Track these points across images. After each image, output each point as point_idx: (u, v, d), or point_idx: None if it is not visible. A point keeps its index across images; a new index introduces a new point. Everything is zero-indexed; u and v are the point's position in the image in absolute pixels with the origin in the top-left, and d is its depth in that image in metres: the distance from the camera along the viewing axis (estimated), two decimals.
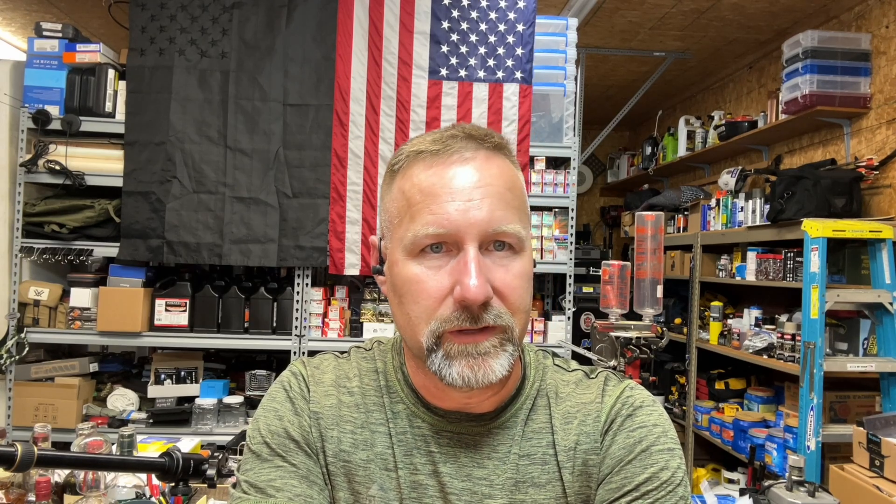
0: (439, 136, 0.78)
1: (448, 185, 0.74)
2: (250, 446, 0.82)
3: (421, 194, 0.75)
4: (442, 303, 0.74)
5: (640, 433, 0.80)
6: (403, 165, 0.79)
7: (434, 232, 0.73)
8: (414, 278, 0.75)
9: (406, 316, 0.77)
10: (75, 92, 3.15)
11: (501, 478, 0.80)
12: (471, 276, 0.72)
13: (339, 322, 3.24)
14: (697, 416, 4.08)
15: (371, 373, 0.87)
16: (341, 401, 0.84)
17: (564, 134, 3.38)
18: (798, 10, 3.75)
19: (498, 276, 0.75)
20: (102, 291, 3.11)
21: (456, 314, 0.74)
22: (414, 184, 0.76)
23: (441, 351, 0.74)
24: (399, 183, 0.79)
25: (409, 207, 0.76)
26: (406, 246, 0.76)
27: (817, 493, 2.07)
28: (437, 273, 0.75)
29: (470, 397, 0.80)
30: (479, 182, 0.75)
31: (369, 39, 3.19)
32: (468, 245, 0.73)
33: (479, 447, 0.81)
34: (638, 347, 2.39)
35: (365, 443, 0.82)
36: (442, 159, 0.76)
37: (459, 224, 0.73)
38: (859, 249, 3.08)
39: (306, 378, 0.86)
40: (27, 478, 1.63)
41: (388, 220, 0.80)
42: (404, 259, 0.76)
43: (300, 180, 3.18)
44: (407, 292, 0.76)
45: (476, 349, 0.74)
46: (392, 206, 0.79)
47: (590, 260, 4.60)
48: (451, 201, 0.74)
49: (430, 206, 0.74)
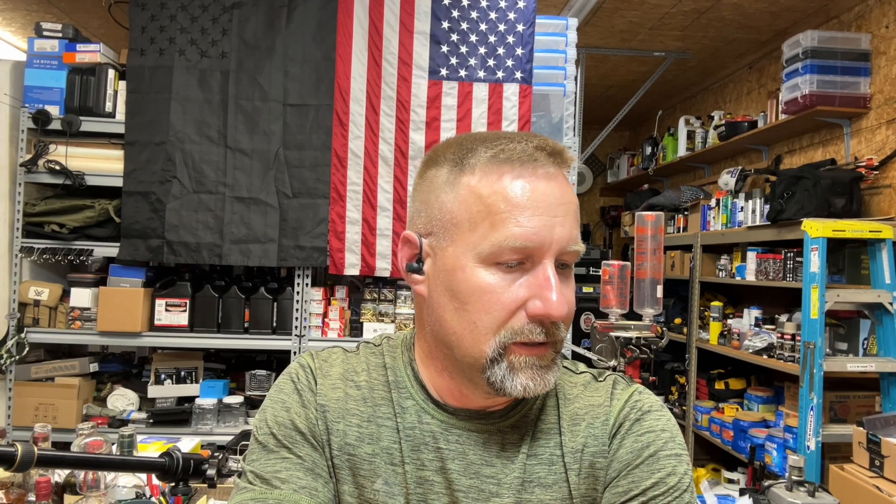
0: (525, 147, 0.76)
1: (536, 199, 0.74)
2: (257, 437, 0.82)
3: (507, 203, 0.74)
4: (514, 315, 0.75)
5: (648, 438, 0.80)
6: (480, 167, 0.76)
7: (521, 245, 0.73)
8: (487, 287, 0.75)
9: (471, 323, 0.76)
10: (75, 92, 3.15)
11: (509, 477, 0.80)
12: (553, 292, 0.73)
13: (339, 322, 3.25)
14: (697, 416, 4.08)
15: (379, 368, 0.87)
16: (348, 394, 0.85)
17: (564, 134, 3.38)
18: (798, 10, 3.75)
19: (565, 292, 0.76)
20: (102, 291, 3.12)
21: (530, 327, 0.74)
22: (496, 190, 0.75)
23: (505, 362, 0.75)
24: (472, 184, 0.76)
25: (489, 214, 0.74)
26: (482, 253, 0.74)
27: (817, 493, 2.07)
28: (512, 285, 0.75)
29: (493, 401, 0.81)
30: (562, 199, 0.76)
31: (369, 39, 3.19)
32: (547, 260, 0.74)
33: (488, 445, 0.81)
34: (638, 347, 2.39)
35: (371, 437, 0.82)
36: (530, 171, 0.75)
37: (545, 239, 0.74)
38: (859, 249, 3.08)
39: (314, 370, 0.86)
40: (27, 478, 1.63)
41: (448, 220, 0.78)
42: (475, 266, 0.75)
43: (300, 180, 3.18)
44: (477, 300, 0.75)
45: (540, 361, 0.75)
46: (459, 208, 0.77)
47: (590, 260, 4.60)
48: (539, 215, 0.74)
49: (518, 218, 0.73)
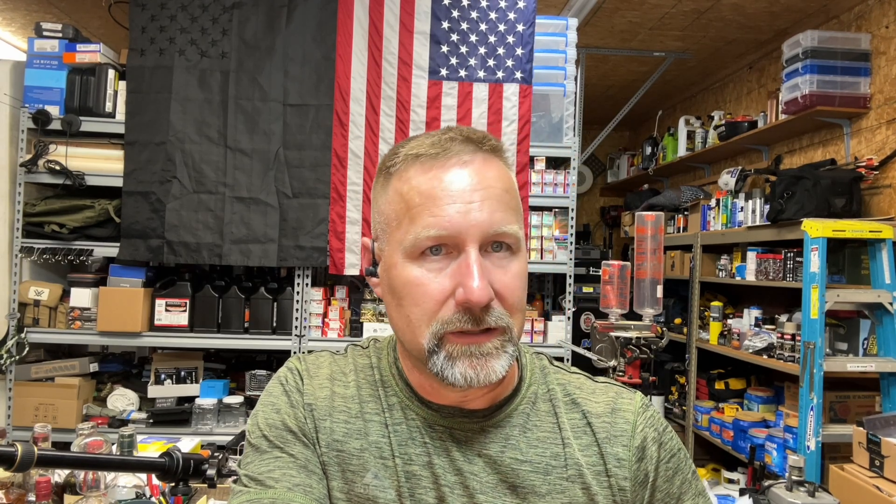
0: (437, 139, 0.77)
1: (448, 188, 0.75)
2: (250, 440, 0.83)
3: (420, 196, 0.75)
4: (443, 305, 0.75)
5: (675, 463, 0.85)
6: (400, 168, 0.78)
7: (435, 234, 0.74)
8: (414, 280, 0.75)
9: (406, 318, 0.77)
10: (75, 92, 3.15)
11: (493, 478, 0.80)
12: (474, 279, 0.72)
13: (339, 322, 3.25)
14: (697, 416, 4.08)
15: (367, 368, 0.88)
16: (335, 392, 0.85)
17: (564, 134, 3.38)
18: (798, 10, 3.75)
19: (497, 277, 0.75)
20: (102, 291, 3.12)
21: (458, 316, 0.74)
22: (412, 186, 0.76)
23: (443, 352, 0.75)
24: (395, 185, 0.78)
25: (407, 210, 0.76)
26: (406, 248, 0.76)
27: (817, 493, 2.07)
28: (438, 275, 0.75)
29: (466, 395, 0.81)
30: (478, 184, 0.75)
31: (369, 39, 3.19)
32: (469, 247, 0.74)
33: (470, 444, 0.82)
34: (638, 347, 2.39)
35: (358, 432, 0.83)
36: (441, 162, 0.76)
37: (460, 226, 0.73)
38: (859, 249, 3.08)
39: (301, 372, 0.87)
40: (27, 478, 1.63)
41: (383, 221, 0.80)
42: (403, 261, 0.76)
43: (300, 180, 3.18)
44: (407, 294, 0.76)
45: (479, 350, 0.75)
46: (388, 209, 0.79)
47: (590, 260, 4.60)
48: (451, 203, 0.74)
49: (431, 209, 0.74)
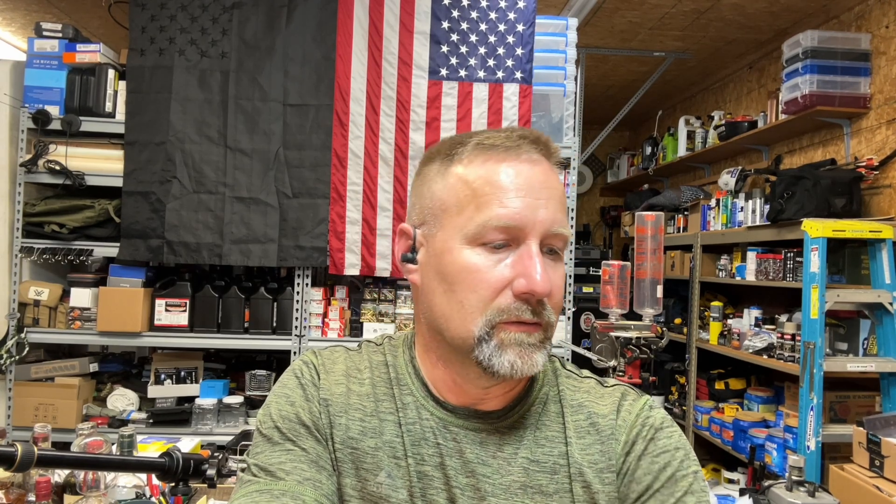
0: (510, 135, 0.79)
1: (520, 182, 0.77)
2: (261, 430, 0.83)
3: (490, 186, 0.76)
4: (500, 293, 0.76)
5: (665, 458, 0.81)
6: (467, 155, 0.80)
7: (504, 224, 0.75)
8: (473, 267, 0.76)
9: (458, 304, 0.77)
10: (75, 92, 3.15)
11: (506, 479, 0.80)
12: (537, 271, 0.74)
13: (339, 322, 3.24)
14: (697, 416, 4.08)
15: (381, 365, 0.88)
16: (350, 389, 0.85)
17: (564, 134, 3.38)
18: (798, 10, 3.75)
19: (550, 274, 0.77)
20: (102, 291, 3.11)
21: (516, 305, 0.76)
22: (480, 175, 0.78)
23: (494, 340, 0.76)
24: (459, 172, 0.79)
25: (475, 197, 0.77)
26: (468, 234, 0.77)
27: (817, 493, 2.07)
28: (498, 265, 0.76)
29: (486, 393, 0.82)
30: (545, 183, 0.78)
31: (369, 39, 3.19)
32: (531, 240, 0.76)
33: (484, 445, 0.82)
34: (638, 347, 2.39)
35: (374, 431, 0.83)
36: (513, 156, 0.78)
37: (527, 219, 0.75)
38: (859, 249, 3.08)
39: (317, 366, 0.87)
40: (27, 478, 1.63)
41: (437, 207, 0.81)
42: (462, 247, 0.77)
43: (300, 180, 3.18)
44: (463, 280, 0.77)
45: (528, 339, 0.76)
46: (448, 194, 0.80)
47: (590, 260, 4.60)
48: (522, 197, 0.76)
49: (501, 199, 0.76)
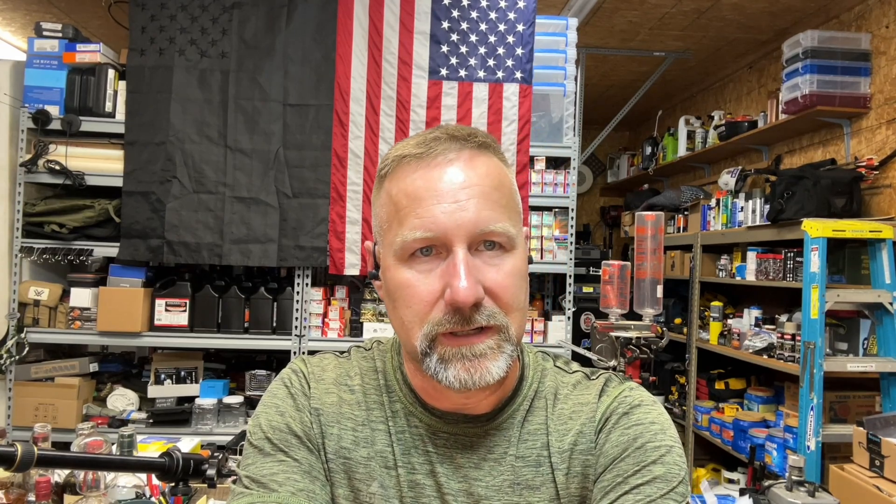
0: (422, 139, 0.77)
1: (433, 188, 0.74)
2: (252, 441, 0.81)
3: (407, 198, 0.75)
4: (434, 306, 0.74)
5: (636, 430, 0.78)
6: (390, 170, 0.79)
7: (421, 236, 0.73)
8: (405, 283, 0.75)
9: (400, 320, 0.77)
10: (75, 92, 3.15)
11: (498, 479, 0.80)
12: (460, 279, 0.71)
13: (339, 322, 3.24)
14: (697, 416, 4.08)
15: (371, 372, 0.87)
16: (342, 398, 0.85)
17: (564, 134, 3.38)
18: (798, 10, 3.75)
19: (489, 275, 0.74)
20: (102, 291, 3.11)
21: (447, 317, 0.73)
22: (400, 188, 0.76)
23: (435, 354, 0.74)
24: (387, 188, 0.79)
25: (396, 212, 0.76)
26: (396, 251, 0.76)
27: (817, 493, 2.07)
28: (428, 276, 0.75)
29: (468, 398, 0.80)
30: (464, 182, 0.74)
31: (369, 39, 3.19)
32: (456, 247, 0.73)
33: (475, 448, 0.81)
34: (638, 347, 2.39)
35: (366, 440, 0.82)
36: (426, 162, 0.76)
37: (447, 226, 0.73)
38: (859, 249, 3.08)
39: (307, 375, 0.86)
40: (27, 478, 1.63)
41: (378, 225, 0.81)
42: (395, 264, 0.76)
43: (300, 180, 3.18)
44: (400, 297, 0.76)
45: (471, 351, 0.74)
46: (382, 212, 0.80)
47: (590, 260, 4.59)
48: (437, 204, 0.73)
49: (417, 210, 0.74)
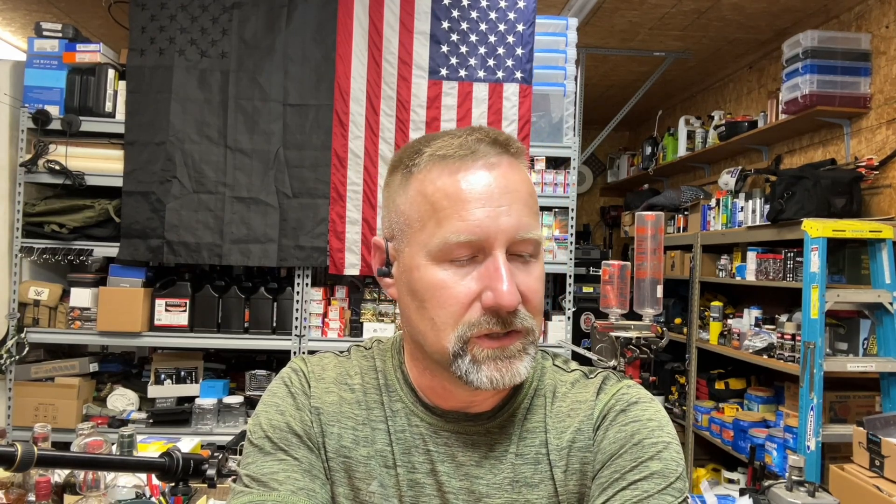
0: (464, 140, 0.76)
1: (477, 191, 0.74)
2: (252, 440, 0.82)
3: (448, 199, 0.74)
4: (469, 308, 0.74)
5: (633, 427, 0.78)
6: (424, 168, 0.77)
7: (466, 239, 0.73)
8: (440, 283, 0.75)
9: (430, 321, 0.76)
10: (75, 92, 3.15)
11: (499, 477, 0.80)
12: (504, 282, 0.72)
13: (339, 322, 3.24)
14: (697, 416, 4.08)
15: (371, 371, 0.87)
16: (342, 397, 0.85)
17: (564, 134, 3.38)
18: (798, 10, 3.75)
19: (522, 280, 0.75)
20: (102, 291, 3.11)
21: (485, 319, 0.74)
22: (438, 188, 0.75)
23: (468, 356, 0.74)
24: (419, 185, 0.77)
25: (434, 212, 0.75)
26: (432, 251, 0.75)
27: (817, 493, 2.07)
28: (465, 279, 0.74)
29: (475, 397, 0.80)
30: (506, 188, 0.75)
31: (369, 39, 3.19)
32: (497, 251, 0.73)
33: (476, 447, 0.81)
34: (638, 347, 2.39)
35: (366, 439, 0.82)
36: (468, 164, 0.75)
37: (489, 230, 0.73)
38: (859, 249, 3.08)
39: (307, 374, 0.86)
40: (27, 478, 1.63)
41: (402, 222, 0.79)
42: (428, 264, 0.75)
43: (300, 180, 3.18)
44: (432, 297, 0.75)
45: (504, 353, 0.75)
46: (410, 209, 0.78)
47: (590, 260, 4.59)
48: (481, 207, 0.73)
49: (460, 213, 0.73)
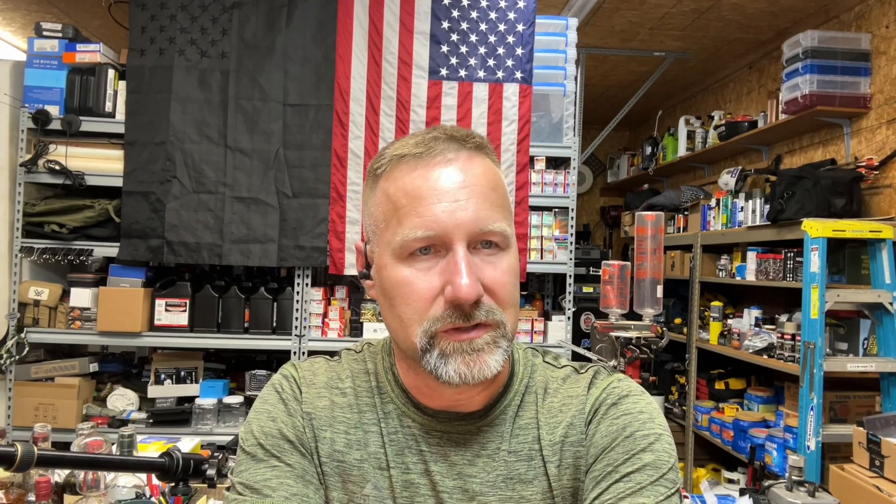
0: (421, 139, 0.78)
1: (433, 187, 0.75)
2: (244, 448, 0.82)
3: (407, 197, 0.76)
4: (433, 303, 0.75)
5: (625, 420, 0.79)
6: (386, 169, 0.79)
7: (423, 235, 0.74)
8: (404, 280, 0.76)
9: (398, 318, 0.78)
10: (75, 92, 3.15)
11: (492, 475, 0.81)
12: (462, 276, 0.73)
13: (339, 322, 3.25)
14: (697, 416, 4.08)
15: (362, 374, 0.88)
16: (334, 402, 0.85)
17: (564, 134, 3.38)
18: (798, 10, 3.75)
19: (487, 273, 0.76)
20: (102, 291, 3.11)
21: (448, 313, 0.74)
22: (398, 187, 0.77)
23: (436, 350, 0.75)
24: (383, 186, 0.79)
25: (395, 211, 0.76)
26: (394, 249, 0.76)
27: (817, 493, 2.07)
28: (427, 274, 0.76)
29: (461, 394, 0.81)
30: (463, 182, 0.76)
31: (369, 39, 3.19)
32: (457, 245, 0.74)
33: (468, 445, 0.82)
34: (638, 347, 2.38)
35: (359, 443, 0.83)
36: (425, 161, 0.76)
37: (447, 225, 0.74)
38: (859, 249, 3.08)
39: (297, 380, 0.86)
40: (27, 478, 1.63)
41: (373, 224, 0.81)
42: (393, 262, 0.77)
43: (300, 180, 3.18)
44: (397, 294, 0.77)
45: (470, 346, 0.75)
46: (377, 211, 0.80)
47: (590, 260, 4.59)
48: (437, 203, 0.74)
49: (417, 209, 0.75)
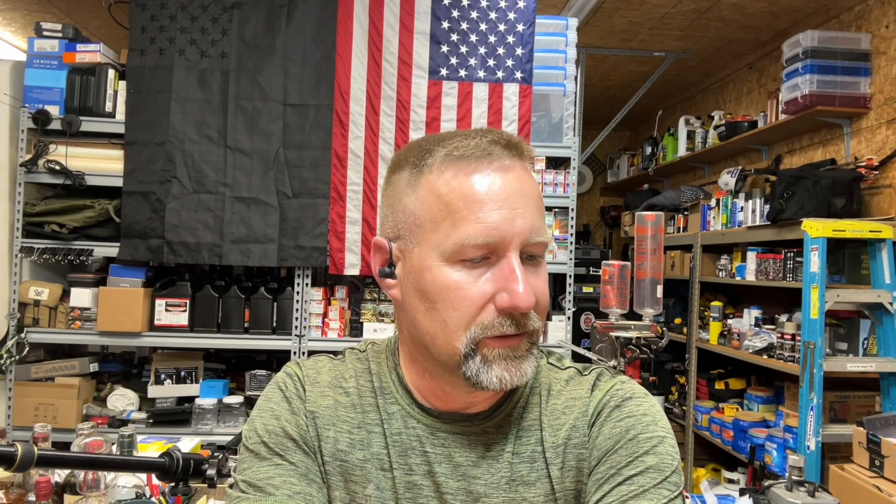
0: (479, 142, 0.76)
1: (494, 193, 0.74)
2: (247, 446, 0.82)
3: (464, 201, 0.74)
4: (482, 309, 0.74)
5: (628, 422, 0.79)
6: (437, 168, 0.76)
7: (483, 241, 0.73)
8: (454, 284, 0.74)
9: (440, 322, 0.76)
10: (75, 92, 3.15)
11: (496, 477, 0.81)
12: (520, 284, 0.73)
13: (339, 322, 3.24)
14: (697, 416, 4.08)
15: (366, 373, 0.87)
16: (338, 401, 0.85)
17: (564, 134, 3.38)
18: (798, 10, 3.75)
19: (532, 282, 0.76)
20: (102, 291, 3.11)
21: (499, 320, 0.74)
22: (453, 188, 0.74)
23: (479, 356, 0.75)
24: (431, 185, 0.76)
25: (449, 213, 0.74)
26: (445, 251, 0.74)
27: (817, 493, 2.07)
28: (479, 280, 0.74)
29: (474, 398, 0.81)
30: (521, 191, 0.75)
31: (369, 39, 3.19)
32: (511, 253, 0.74)
33: (473, 447, 0.82)
34: (638, 347, 2.38)
35: (361, 443, 0.83)
36: (485, 165, 0.75)
37: (506, 233, 0.73)
38: (859, 249, 3.08)
39: (301, 378, 0.86)
40: (27, 478, 1.63)
41: (411, 222, 0.78)
42: (440, 264, 0.75)
43: (300, 180, 3.18)
44: (444, 298, 0.75)
45: (514, 353, 0.75)
46: (421, 210, 0.77)
47: (590, 260, 4.59)
48: (497, 209, 0.73)
49: (477, 214, 0.73)
